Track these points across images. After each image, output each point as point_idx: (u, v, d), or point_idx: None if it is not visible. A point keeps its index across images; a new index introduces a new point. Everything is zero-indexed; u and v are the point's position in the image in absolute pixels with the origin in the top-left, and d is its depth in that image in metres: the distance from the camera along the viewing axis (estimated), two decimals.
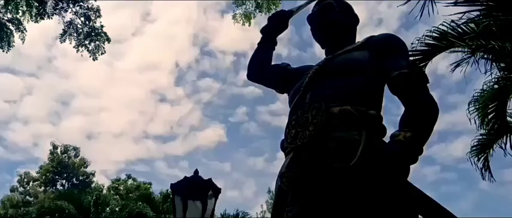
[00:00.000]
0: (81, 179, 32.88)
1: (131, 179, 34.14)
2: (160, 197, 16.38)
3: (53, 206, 13.83)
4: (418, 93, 2.17)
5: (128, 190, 30.54)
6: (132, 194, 23.93)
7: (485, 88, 6.19)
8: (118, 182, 33.41)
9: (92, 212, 13.52)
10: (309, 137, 2.11)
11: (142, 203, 15.91)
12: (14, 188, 32.11)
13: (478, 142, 6.97)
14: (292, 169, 2.13)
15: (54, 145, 33.34)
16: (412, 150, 1.94)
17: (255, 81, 2.96)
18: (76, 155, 33.92)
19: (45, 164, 32.93)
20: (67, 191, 20.39)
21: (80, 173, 33.37)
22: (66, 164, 32.89)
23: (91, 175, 33.97)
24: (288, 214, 2.06)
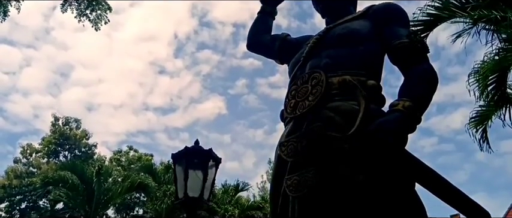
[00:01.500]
0: (83, 150, 33.20)
1: (133, 151, 34.52)
2: (162, 168, 16.62)
3: (56, 177, 14.06)
4: (418, 63, 2.17)
5: (129, 161, 30.92)
6: (134, 166, 24.29)
7: (486, 59, 6.16)
8: (120, 154, 33.79)
9: (95, 182, 13.74)
10: (309, 107, 2.13)
11: (144, 174, 16.16)
12: (17, 159, 32.48)
13: (477, 113, 7.00)
14: (291, 139, 2.16)
15: (56, 117, 33.48)
16: (410, 118, 1.96)
17: (254, 51, 2.95)
18: (77, 127, 34.12)
19: (47, 136, 33.18)
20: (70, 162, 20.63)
21: (81, 145, 33.66)
22: (68, 136, 33.12)
23: (93, 147, 34.29)
24: (287, 182, 2.09)
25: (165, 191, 15.42)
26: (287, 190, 2.08)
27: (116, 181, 15.21)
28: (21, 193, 30.55)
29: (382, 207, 1.88)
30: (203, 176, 3.91)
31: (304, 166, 2.03)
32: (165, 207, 15.41)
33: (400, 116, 1.94)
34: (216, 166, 4.11)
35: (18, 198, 30.68)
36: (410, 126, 1.97)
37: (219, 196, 17.85)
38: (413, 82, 2.13)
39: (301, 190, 2.00)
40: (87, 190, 13.83)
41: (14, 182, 29.73)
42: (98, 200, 14.02)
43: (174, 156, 4.00)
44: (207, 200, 3.95)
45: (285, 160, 2.15)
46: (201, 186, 3.85)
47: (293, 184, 2.05)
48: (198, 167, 3.96)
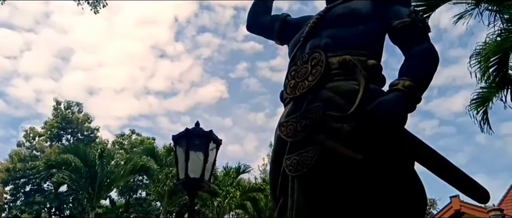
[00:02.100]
0: (85, 134, 33.40)
1: (135, 134, 34.72)
2: (164, 151, 16.74)
3: (59, 160, 14.18)
4: (419, 43, 2.16)
5: (132, 144, 31.15)
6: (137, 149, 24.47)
7: (488, 41, 6.11)
8: (122, 137, 34.00)
9: (97, 165, 13.88)
10: (308, 87, 2.13)
11: (146, 156, 16.30)
12: (20, 143, 32.72)
13: (478, 95, 6.99)
14: (291, 119, 2.17)
15: (57, 101, 33.58)
16: (410, 98, 1.96)
17: (254, 32, 2.92)
18: (79, 111, 34.23)
19: (49, 120, 33.33)
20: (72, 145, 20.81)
21: (84, 128, 33.84)
22: (70, 119, 33.28)
23: (95, 131, 34.49)
24: (286, 162, 2.10)
25: (167, 174, 15.57)
26: (286, 169, 2.09)
27: (119, 164, 15.35)
28: (25, 176, 30.90)
29: (381, 186, 1.89)
30: (204, 157, 3.93)
31: (304, 146, 2.03)
32: (167, 189, 15.59)
33: (400, 95, 1.93)
34: (216, 147, 4.14)
35: (22, 181, 31.05)
36: (410, 105, 1.97)
37: (220, 178, 18.04)
38: (413, 61, 2.12)
39: (301, 169, 2.01)
40: (90, 172, 13.97)
41: (18, 166, 30.04)
42: (101, 183, 14.18)
43: (174, 138, 4.03)
44: (208, 181, 3.99)
45: (285, 140, 2.15)
46: (202, 167, 3.88)
47: (292, 163, 2.06)
48: (199, 148, 3.98)
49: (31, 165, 29.93)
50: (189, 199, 3.90)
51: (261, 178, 23.76)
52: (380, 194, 1.89)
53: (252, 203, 17.94)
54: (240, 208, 18.94)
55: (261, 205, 18.07)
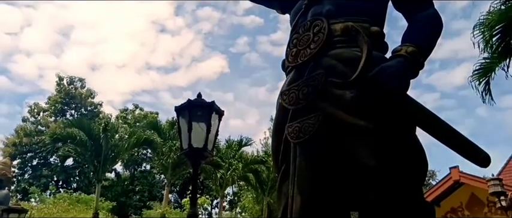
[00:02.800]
0: (89, 109, 33.60)
1: (138, 109, 34.89)
2: (167, 124, 16.86)
3: (65, 133, 14.33)
4: (422, 8, 2.13)
5: (135, 119, 31.35)
6: (140, 123, 24.66)
7: (492, 10, 6.03)
8: (126, 112, 34.18)
9: (102, 138, 14.03)
10: (310, 55, 2.12)
11: (149, 130, 16.43)
12: (25, 118, 33.02)
13: (481, 66, 6.95)
14: (293, 87, 2.18)
15: (60, 76, 33.60)
16: (413, 64, 1.95)
17: (255, 1, 2.89)
18: (82, 86, 34.30)
19: (53, 95, 33.46)
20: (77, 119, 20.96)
21: (87, 104, 34.00)
22: (74, 95, 33.39)
23: (99, 106, 34.68)
24: (288, 130, 2.12)
25: (171, 147, 15.74)
26: (288, 137, 2.10)
27: (123, 138, 15.50)
28: (32, 151, 31.35)
29: (383, 152, 1.90)
30: (206, 128, 3.96)
31: (306, 113, 2.04)
32: (171, 162, 15.80)
33: (403, 61, 1.93)
34: (219, 118, 4.17)
35: (29, 155, 31.53)
36: (412, 71, 1.97)
37: (223, 151, 18.23)
38: (416, 27, 2.10)
39: (302, 136, 2.02)
40: (95, 145, 14.14)
41: (24, 140, 30.43)
42: (106, 156, 14.37)
43: (177, 109, 4.05)
44: (211, 151, 4.05)
45: (286, 108, 2.15)
46: (205, 137, 3.92)
47: (294, 131, 2.08)
48: (202, 119, 4.01)
49: (37, 140, 30.30)
50: (192, 169, 3.96)
51: (263, 151, 23.97)
52: (382, 159, 1.88)
53: (254, 175, 18.18)
54: (243, 179, 19.22)
55: (263, 176, 18.33)
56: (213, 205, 32.73)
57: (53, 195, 22.19)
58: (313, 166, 2.03)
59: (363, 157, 1.91)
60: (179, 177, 29.38)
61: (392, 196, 1.90)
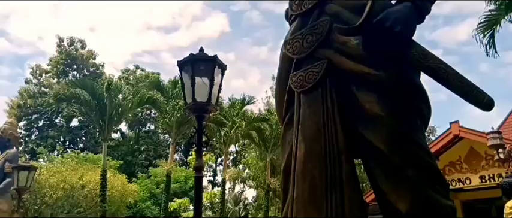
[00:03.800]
0: (91, 70, 33.52)
1: (140, 70, 34.76)
2: (170, 83, 16.87)
3: (68, 93, 14.40)
4: None
5: (137, 80, 31.31)
6: (142, 84, 24.66)
7: None
8: (127, 73, 34.10)
9: (106, 97, 14.10)
10: (314, 3, 2.09)
11: (152, 90, 16.47)
12: (28, 80, 33.05)
13: (486, 18, 6.83)
14: (296, 36, 2.15)
15: (60, 37, 33.22)
16: (419, 8, 1.93)
17: None
18: (82, 47, 33.99)
19: (54, 57, 33.28)
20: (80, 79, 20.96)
21: (89, 65, 33.86)
22: (75, 56, 33.19)
23: (100, 67, 34.55)
24: (292, 79, 2.13)
25: (174, 106, 15.83)
26: (292, 86, 2.12)
27: (126, 97, 15.58)
28: (37, 112, 31.65)
29: (388, 98, 1.92)
30: (210, 82, 3.98)
31: (310, 62, 2.05)
32: (175, 120, 15.95)
33: (409, 5, 1.91)
34: (221, 72, 4.16)
35: (34, 117, 31.86)
36: (419, 16, 1.95)
37: (226, 109, 18.35)
38: None
39: (307, 84, 2.05)
40: (99, 105, 14.24)
41: (29, 102, 30.65)
42: (111, 115, 14.50)
43: (180, 63, 4.04)
44: (215, 105, 4.10)
45: (290, 57, 2.15)
46: (208, 91, 3.94)
47: (298, 80, 2.09)
48: (204, 74, 4.00)
49: (41, 101, 30.51)
50: (197, 123, 4.02)
51: (265, 109, 24.12)
52: (386, 106, 1.91)
53: (257, 132, 18.43)
54: (246, 137, 19.50)
55: (266, 134, 18.59)
56: (218, 163, 33.48)
57: (60, 155, 22.71)
58: (316, 114, 2.05)
59: (368, 104, 1.95)
60: (183, 136, 29.83)
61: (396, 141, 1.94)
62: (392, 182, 1.89)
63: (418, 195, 1.82)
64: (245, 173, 26.23)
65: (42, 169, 14.71)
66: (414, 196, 1.82)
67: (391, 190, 1.89)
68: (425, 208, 1.81)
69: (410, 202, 1.82)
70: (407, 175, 1.85)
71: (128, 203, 19.76)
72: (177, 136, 17.45)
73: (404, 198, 1.84)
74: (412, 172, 1.85)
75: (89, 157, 23.04)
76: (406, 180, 1.85)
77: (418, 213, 1.81)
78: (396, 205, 1.86)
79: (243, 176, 25.97)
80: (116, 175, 19.72)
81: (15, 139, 10.05)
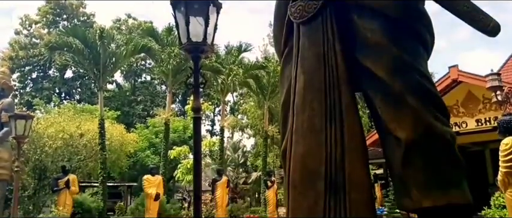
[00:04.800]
0: (82, 20, 32.66)
1: (131, 19, 33.92)
2: (164, 31, 16.43)
3: (60, 41, 14.07)
4: None
5: (130, 29, 30.64)
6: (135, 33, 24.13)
7: None
8: (119, 22, 33.29)
9: (99, 45, 13.83)
10: None
11: (146, 37, 16.09)
12: (17, 31, 32.27)
13: None
14: None
15: None
16: None
17: None
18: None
19: (42, 6, 32.30)
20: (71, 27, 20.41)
21: (79, 14, 32.95)
22: (64, 5, 32.20)
23: (91, 16, 33.65)
24: (291, 10, 2.05)
25: (170, 53, 15.59)
26: (291, 17, 2.06)
27: (120, 45, 15.28)
28: (29, 64, 31.26)
29: (389, 26, 1.87)
30: (204, 22, 3.83)
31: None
32: (171, 68, 15.78)
33: None
34: (217, 11, 4.00)
35: (27, 68, 31.53)
36: None
37: (223, 57, 18.14)
38: None
39: (306, 14, 1.98)
40: (93, 53, 13.99)
41: (21, 54, 30.14)
42: (105, 64, 14.32)
43: (173, 3, 3.86)
44: (211, 45, 3.98)
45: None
46: (204, 31, 3.81)
47: (297, 10, 2.02)
48: (199, 13, 3.84)
49: (33, 52, 30.01)
50: (193, 63, 3.92)
51: (262, 57, 23.90)
52: (389, 32, 1.87)
53: (254, 80, 18.36)
54: (243, 85, 19.46)
55: (263, 82, 18.52)
56: (215, 113, 33.75)
57: (57, 106, 22.71)
58: (316, 44, 2.00)
59: (369, 32, 1.90)
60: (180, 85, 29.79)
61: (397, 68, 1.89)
62: (392, 110, 1.87)
63: (419, 122, 1.79)
64: (243, 122, 26.52)
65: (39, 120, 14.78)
66: (414, 124, 1.79)
67: (391, 118, 1.87)
68: (425, 135, 1.78)
69: (411, 130, 1.79)
70: (407, 102, 1.82)
71: (127, 152, 20.11)
72: (173, 85, 17.34)
73: (404, 126, 1.81)
74: (413, 100, 1.82)
75: (85, 108, 23.09)
76: (406, 107, 1.82)
77: (418, 140, 1.79)
78: (396, 133, 1.84)
79: (241, 125, 26.28)
80: (114, 124, 19.89)
81: (9, 88, 9.95)
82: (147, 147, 23.86)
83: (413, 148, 1.79)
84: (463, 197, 1.80)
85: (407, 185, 1.83)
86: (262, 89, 18.79)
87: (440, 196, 1.75)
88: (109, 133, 16.61)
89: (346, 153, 1.95)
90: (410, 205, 1.82)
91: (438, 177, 1.78)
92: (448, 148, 1.84)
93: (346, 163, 1.94)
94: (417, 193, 1.78)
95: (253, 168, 24.08)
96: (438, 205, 1.75)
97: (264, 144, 19.03)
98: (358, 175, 1.93)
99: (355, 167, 1.94)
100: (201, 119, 3.92)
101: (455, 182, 1.81)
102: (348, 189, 1.90)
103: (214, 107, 29.83)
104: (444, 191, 1.76)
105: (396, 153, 1.88)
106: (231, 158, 23.39)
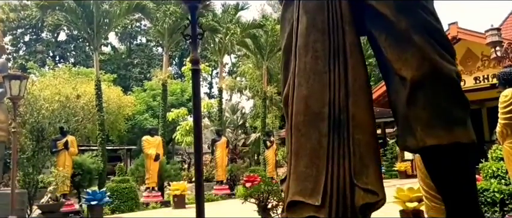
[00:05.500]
0: None
1: None
2: None
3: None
4: None
5: None
6: None
7: None
8: None
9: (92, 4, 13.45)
10: None
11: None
12: None
13: None
14: None
15: None
16: None
17: None
18: None
19: None
20: None
21: None
22: None
23: None
24: None
25: (165, 12, 15.21)
26: None
27: (114, 4, 14.85)
28: (21, 27, 30.59)
29: None
30: None
31: None
32: (166, 27, 15.45)
33: None
34: None
35: (19, 31, 30.89)
36: None
37: (219, 15, 17.74)
38: None
39: None
40: (86, 12, 13.62)
41: (11, 16, 29.40)
42: (99, 23, 13.99)
43: None
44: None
45: None
46: None
47: None
48: None
49: (24, 14, 29.27)
50: (190, 14, 3.79)
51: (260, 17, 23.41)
52: None
53: (252, 40, 18.05)
54: (241, 45, 19.17)
55: (261, 41, 18.23)
56: (213, 75, 33.54)
57: (51, 70, 22.42)
58: None
59: None
60: (177, 48, 29.35)
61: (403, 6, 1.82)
62: (397, 49, 1.81)
63: (424, 61, 1.74)
64: (242, 84, 26.38)
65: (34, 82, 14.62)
66: (420, 62, 1.75)
67: (397, 57, 1.81)
68: (430, 74, 1.74)
69: (416, 68, 1.75)
70: (413, 40, 1.76)
71: (125, 115, 20.11)
72: (170, 45, 17.03)
73: (409, 64, 1.76)
74: (419, 37, 1.76)
75: (81, 71, 22.83)
76: (412, 45, 1.76)
77: (423, 79, 1.75)
78: (401, 72, 1.80)
79: (239, 86, 26.16)
80: (111, 87, 19.74)
81: (1, 48, 9.74)
82: (145, 110, 23.85)
83: (419, 87, 1.76)
84: (467, 136, 1.78)
85: (411, 125, 1.80)
86: (260, 49, 18.53)
87: (445, 135, 1.73)
88: (106, 96, 16.50)
89: (350, 94, 1.92)
90: (414, 144, 1.80)
91: (443, 116, 1.75)
92: (453, 86, 1.80)
93: (350, 104, 1.91)
94: (421, 132, 1.76)
95: (252, 130, 24.24)
96: (442, 143, 1.73)
97: (263, 104, 19.02)
98: (362, 115, 1.90)
99: (359, 108, 1.91)
100: (200, 71, 3.85)
101: (459, 120, 1.78)
102: (351, 130, 1.88)
103: (212, 69, 29.58)
104: (448, 129, 1.74)
105: (401, 93, 1.84)
106: (229, 119, 23.48)
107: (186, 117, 20.09)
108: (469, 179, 1.84)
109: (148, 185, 11.73)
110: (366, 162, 1.84)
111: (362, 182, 1.81)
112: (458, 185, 1.80)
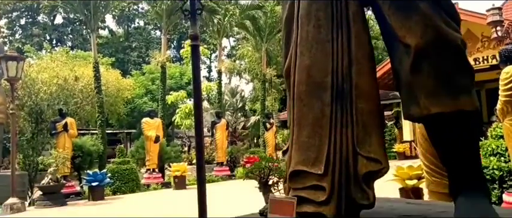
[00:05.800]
0: None
1: None
2: None
3: None
4: None
5: None
6: None
7: None
8: None
9: None
10: None
11: None
12: None
13: None
14: None
15: None
16: None
17: None
18: None
19: None
20: None
21: None
22: None
23: None
24: None
25: None
26: None
27: None
28: (16, 10, 30.18)
29: None
30: None
31: None
32: (165, 8, 15.26)
33: None
34: None
35: (15, 14, 30.50)
36: None
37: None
38: None
39: None
40: None
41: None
42: (95, 5, 13.79)
43: None
44: None
45: None
46: None
47: None
48: None
49: None
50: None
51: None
52: None
53: (251, 22, 17.85)
54: (240, 26, 18.97)
55: (261, 23, 18.03)
56: (212, 59, 33.34)
57: (49, 53, 22.24)
58: None
59: None
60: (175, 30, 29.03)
61: None
62: (402, 16, 1.77)
63: (429, 28, 1.70)
64: (241, 67, 26.21)
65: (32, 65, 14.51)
66: (424, 29, 1.71)
67: (400, 24, 1.77)
68: (435, 41, 1.70)
69: (420, 35, 1.71)
70: (418, 7, 1.72)
71: (124, 98, 20.05)
72: (168, 27, 16.84)
73: (414, 31, 1.73)
74: (424, 4, 1.72)
75: (78, 54, 22.66)
76: (416, 12, 1.72)
77: (427, 47, 1.71)
78: (405, 39, 1.76)
79: (238, 69, 25.99)
80: (109, 70, 19.62)
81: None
82: (144, 94, 23.78)
83: (423, 55, 1.72)
84: (471, 104, 1.76)
85: (415, 93, 1.78)
86: (259, 31, 18.33)
87: (449, 102, 1.70)
88: (105, 79, 16.39)
89: (353, 62, 1.89)
90: (418, 112, 1.78)
91: (447, 83, 1.72)
92: (458, 54, 1.77)
93: (353, 73, 1.88)
94: (425, 100, 1.73)
95: (251, 113, 24.22)
96: (446, 111, 1.71)
97: (262, 87, 18.94)
98: (365, 84, 1.88)
99: (362, 77, 1.88)
100: (199, 47, 3.79)
101: (464, 88, 1.76)
102: (354, 99, 1.86)
103: (211, 53, 29.38)
104: (453, 97, 1.71)
105: (405, 61, 1.80)
106: (229, 102, 23.43)
107: (185, 100, 20.04)
108: (473, 147, 1.83)
109: (148, 167, 11.78)
110: (368, 130, 1.83)
111: (365, 151, 1.80)
112: (462, 153, 1.79)
